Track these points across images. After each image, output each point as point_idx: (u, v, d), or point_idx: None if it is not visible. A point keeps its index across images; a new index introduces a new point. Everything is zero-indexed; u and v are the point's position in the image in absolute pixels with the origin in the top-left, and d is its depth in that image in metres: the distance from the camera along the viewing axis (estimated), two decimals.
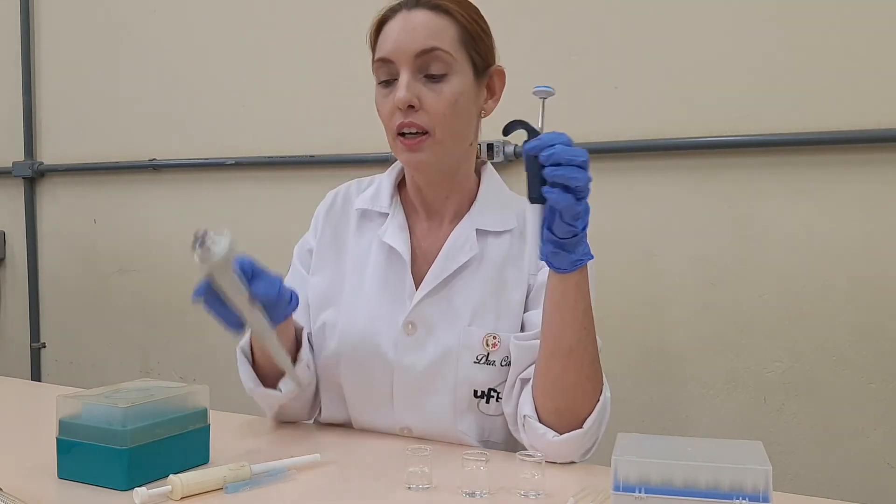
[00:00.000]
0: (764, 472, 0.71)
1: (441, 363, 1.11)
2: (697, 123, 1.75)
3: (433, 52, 1.07)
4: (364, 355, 1.14)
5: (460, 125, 1.11)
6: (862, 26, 1.61)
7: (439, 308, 1.12)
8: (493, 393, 1.11)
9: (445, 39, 1.08)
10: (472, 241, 1.14)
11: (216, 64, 2.41)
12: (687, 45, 1.76)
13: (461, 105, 1.09)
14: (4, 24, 2.78)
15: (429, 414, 1.13)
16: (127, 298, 2.62)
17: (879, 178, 1.61)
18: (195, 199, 2.46)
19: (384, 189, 1.21)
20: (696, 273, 1.77)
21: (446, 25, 1.08)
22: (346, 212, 1.24)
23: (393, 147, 1.12)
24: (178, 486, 0.87)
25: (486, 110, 1.16)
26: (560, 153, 0.90)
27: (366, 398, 1.16)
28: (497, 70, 1.15)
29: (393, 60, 1.08)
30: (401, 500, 0.89)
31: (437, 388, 1.12)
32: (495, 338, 1.11)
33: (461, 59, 1.09)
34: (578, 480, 0.95)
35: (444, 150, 1.10)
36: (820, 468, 1.67)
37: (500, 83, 1.16)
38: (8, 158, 2.78)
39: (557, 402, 1.01)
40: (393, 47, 1.08)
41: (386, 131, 1.12)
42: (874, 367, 1.62)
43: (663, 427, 1.80)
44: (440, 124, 1.08)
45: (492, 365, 1.10)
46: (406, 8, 1.10)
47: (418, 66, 1.07)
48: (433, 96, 1.07)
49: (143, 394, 0.96)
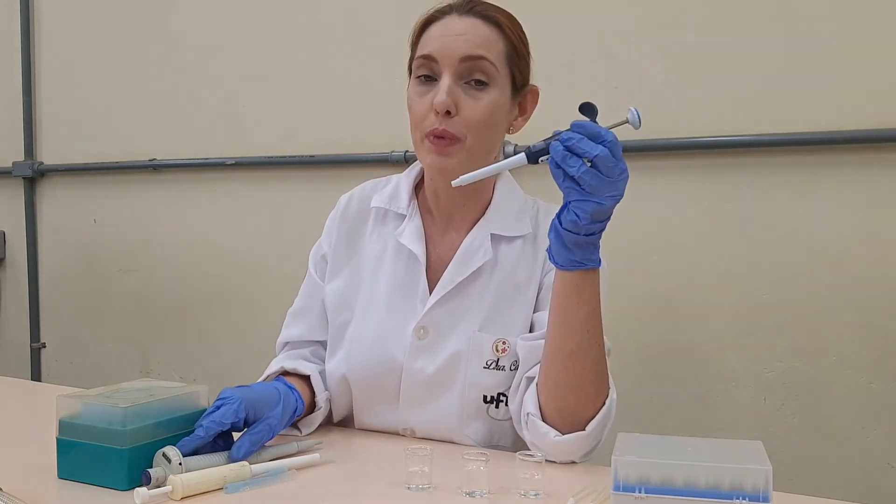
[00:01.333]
0: (764, 472, 0.71)
1: (450, 368, 1.11)
2: (697, 123, 1.75)
3: (480, 60, 1.07)
4: (374, 356, 1.14)
5: (491, 136, 1.11)
6: (862, 26, 1.61)
7: (451, 313, 1.12)
8: (502, 398, 1.11)
9: (493, 50, 1.08)
10: (486, 246, 1.14)
11: (216, 64, 2.41)
12: (687, 45, 1.76)
13: (496, 117, 1.10)
14: (4, 24, 2.78)
15: (434, 417, 1.13)
16: (127, 298, 2.62)
17: (879, 178, 1.61)
18: (195, 199, 2.46)
19: (402, 190, 1.20)
20: (695, 273, 1.77)
21: (496, 38, 1.09)
22: (362, 211, 1.23)
23: (418, 147, 1.11)
24: (178, 486, 0.87)
25: (515, 127, 1.17)
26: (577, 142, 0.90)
27: (372, 397, 1.16)
28: (532, 89, 1.16)
29: (437, 60, 1.07)
30: (401, 500, 0.89)
31: (445, 392, 1.12)
32: (504, 343, 1.11)
33: (503, 73, 1.10)
34: (578, 480, 0.95)
35: (472, 158, 1.08)
36: (820, 468, 1.67)
37: (533, 103, 1.18)
38: (8, 158, 2.78)
39: (560, 403, 1.01)
40: (440, 47, 1.07)
41: (412, 128, 1.11)
42: (874, 367, 1.62)
43: (663, 427, 1.80)
44: (473, 133, 1.07)
45: (501, 370, 1.10)
46: (458, 12, 1.09)
47: (461, 72, 1.07)
48: (472, 103, 1.07)
49: (143, 394, 0.96)
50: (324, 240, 1.25)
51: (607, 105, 1.83)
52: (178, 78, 2.48)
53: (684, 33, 1.76)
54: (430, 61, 1.08)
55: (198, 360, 2.46)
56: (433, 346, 1.12)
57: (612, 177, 0.90)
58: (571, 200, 0.92)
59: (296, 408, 1.06)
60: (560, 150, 0.90)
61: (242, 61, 2.36)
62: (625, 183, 0.91)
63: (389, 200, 1.20)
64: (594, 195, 0.90)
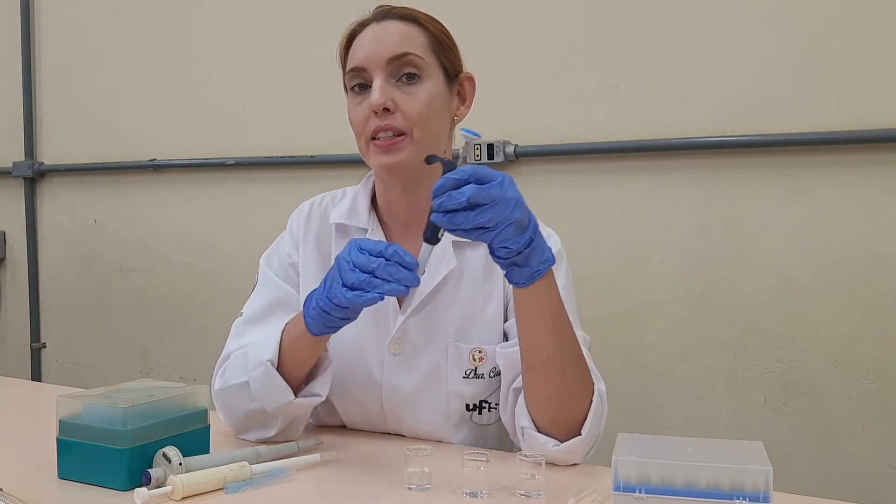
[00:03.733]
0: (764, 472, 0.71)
1: (429, 381, 1.11)
2: (697, 123, 1.75)
3: (406, 56, 1.08)
4: (352, 376, 1.13)
5: (435, 127, 1.10)
6: (862, 27, 1.61)
7: (424, 326, 1.12)
8: (484, 404, 1.12)
9: (417, 44, 1.09)
10: (449, 254, 1.13)
11: (216, 64, 2.41)
12: (687, 45, 1.76)
13: (435, 107, 1.10)
14: (4, 24, 2.78)
15: (420, 427, 1.13)
16: (127, 298, 2.62)
17: (879, 178, 1.61)
18: (195, 199, 2.47)
19: (361, 204, 1.19)
20: (695, 273, 1.77)
21: (416, 32, 1.10)
22: (324, 225, 1.21)
23: (365, 154, 1.11)
24: (178, 486, 0.87)
25: (459, 116, 1.16)
26: (445, 202, 0.88)
27: (358, 415, 1.17)
28: (467, 77, 1.16)
29: (366, 68, 1.09)
30: (401, 500, 0.89)
31: (428, 404, 1.12)
32: (481, 352, 1.11)
33: (432, 64, 1.10)
34: (578, 480, 0.95)
35: (421, 150, 1.08)
36: (820, 468, 1.67)
37: (471, 90, 1.17)
38: (8, 158, 2.78)
39: (549, 413, 1.01)
40: (365, 55, 1.09)
41: (358, 139, 1.12)
42: (874, 367, 1.62)
43: (663, 427, 1.80)
44: (417, 126, 1.07)
45: (481, 378, 1.11)
46: (375, 20, 1.12)
47: (392, 72, 1.08)
48: (408, 98, 1.08)
49: (143, 394, 0.96)
50: (289, 247, 1.21)
51: (608, 105, 1.84)
52: (178, 78, 2.48)
53: (684, 33, 1.76)
54: (359, 72, 1.10)
55: (198, 360, 2.46)
56: (410, 360, 1.12)
57: (498, 197, 0.88)
58: (490, 242, 0.91)
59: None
60: (443, 219, 0.90)
61: (242, 62, 2.36)
62: (513, 187, 0.90)
63: (349, 215, 1.19)
64: (502, 221, 0.89)
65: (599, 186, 1.85)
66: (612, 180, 1.84)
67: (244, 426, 1.09)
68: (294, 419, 1.09)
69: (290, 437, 1.09)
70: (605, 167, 1.85)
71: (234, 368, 1.09)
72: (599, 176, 1.86)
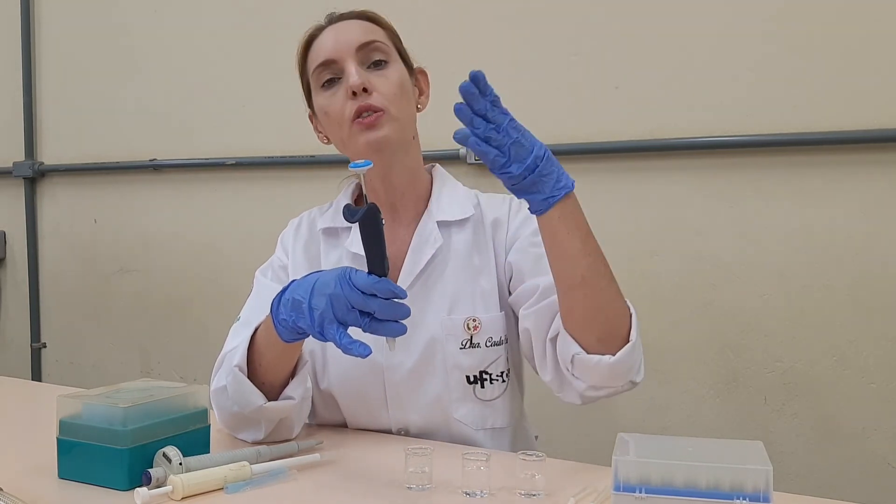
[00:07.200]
0: (764, 472, 0.71)
1: (428, 356, 1.14)
2: (697, 123, 1.75)
3: (373, 43, 1.15)
4: (352, 363, 1.13)
5: (409, 108, 1.17)
6: (862, 27, 1.61)
7: (417, 304, 1.13)
8: (485, 376, 1.14)
9: (379, 35, 1.17)
10: (435, 233, 1.18)
11: (216, 64, 2.41)
12: (687, 45, 1.76)
13: (406, 88, 1.16)
14: (4, 24, 2.78)
15: (424, 408, 1.14)
16: (127, 298, 2.62)
17: (879, 178, 1.61)
18: (195, 199, 2.46)
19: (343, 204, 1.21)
20: (696, 273, 1.77)
21: (374, 27, 1.18)
22: (313, 234, 1.26)
23: (349, 140, 1.14)
24: (178, 485, 0.87)
25: (421, 104, 1.23)
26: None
27: (359, 403, 1.17)
28: (420, 70, 1.24)
29: (336, 59, 1.14)
30: (401, 500, 0.89)
31: (429, 380, 1.14)
32: (475, 320, 1.14)
33: (395, 53, 1.18)
34: (578, 480, 0.95)
35: (402, 127, 1.14)
36: (820, 468, 1.67)
37: (426, 82, 1.24)
38: (8, 158, 2.78)
39: (595, 331, 1.02)
40: (333, 47, 1.14)
41: (337, 129, 1.15)
42: (874, 367, 1.62)
43: (663, 427, 1.80)
44: (394, 104, 1.12)
45: (477, 347, 1.14)
46: (332, 22, 1.19)
47: (362, 59, 1.14)
48: (382, 80, 1.13)
49: (143, 394, 0.96)
50: (280, 254, 1.27)
51: (608, 105, 1.84)
52: (178, 78, 2.48)
53: (684, 34, 1.76)
54: (329, 65, 1.15)
55: (198, 360, 2.46)
56: (407, 339, 1.12)
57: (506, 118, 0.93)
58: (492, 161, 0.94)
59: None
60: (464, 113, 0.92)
61: (242, 61, 2.36)
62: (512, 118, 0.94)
63: (333, 218, 1.24)
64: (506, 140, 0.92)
65: (599, 186, 1.85)
66: (612, 180, 1.84)
67: (234, 427, 1.11)
68: (280, 421, 1.10)
69: (286, 437, 1.10)
70: (605, 167, 1.84)
71: (219, 372, 1.12)
72: (599, 176, 1.86)
